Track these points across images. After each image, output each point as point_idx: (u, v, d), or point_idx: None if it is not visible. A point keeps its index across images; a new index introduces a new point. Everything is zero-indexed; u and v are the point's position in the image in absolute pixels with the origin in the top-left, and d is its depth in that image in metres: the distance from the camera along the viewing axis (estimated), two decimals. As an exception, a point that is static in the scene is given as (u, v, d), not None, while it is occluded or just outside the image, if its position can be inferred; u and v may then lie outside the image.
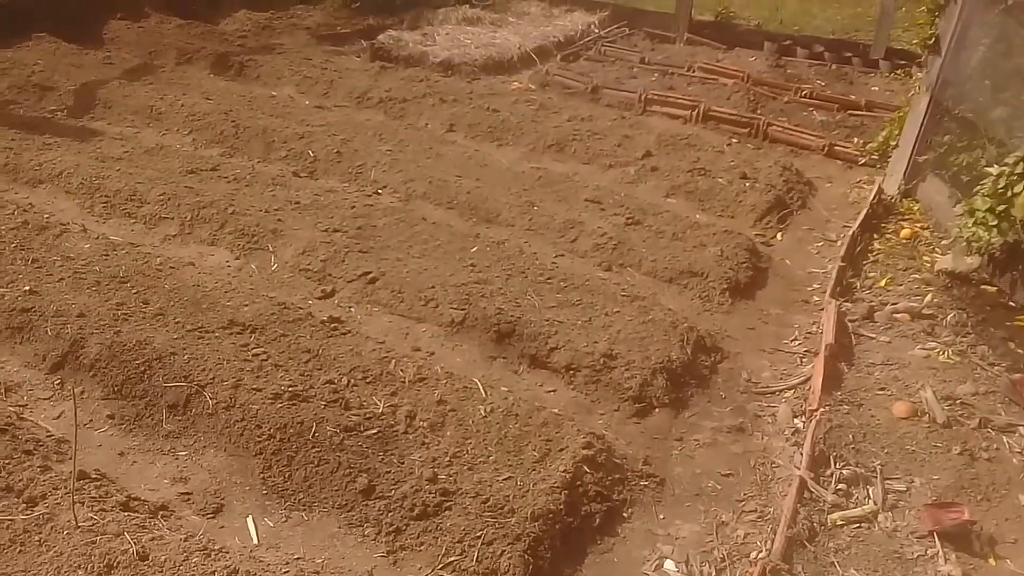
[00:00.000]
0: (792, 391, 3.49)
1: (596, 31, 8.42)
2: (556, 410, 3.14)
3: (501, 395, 3.12)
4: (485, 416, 3.00)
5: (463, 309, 3.67)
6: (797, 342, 3.85)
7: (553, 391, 3.37)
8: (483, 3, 8.98)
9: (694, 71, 7.32)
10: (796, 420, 3.30)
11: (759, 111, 6.45)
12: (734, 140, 5.95)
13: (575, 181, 5.09)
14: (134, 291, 3.51)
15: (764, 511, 2.88)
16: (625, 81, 7.02)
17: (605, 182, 5.22)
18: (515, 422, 2.98)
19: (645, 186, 5.24)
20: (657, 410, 3.31)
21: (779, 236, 4.81)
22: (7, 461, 2.59)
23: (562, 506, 2.70)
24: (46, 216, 4.08)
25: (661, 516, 2.86)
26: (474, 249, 4.15)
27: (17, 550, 2.29)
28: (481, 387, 3.13)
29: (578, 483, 2.79)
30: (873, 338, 3.81)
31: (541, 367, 3.48)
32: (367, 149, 5.23)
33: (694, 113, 6.28)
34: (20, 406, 3.03)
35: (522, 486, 2.73)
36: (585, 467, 2.84)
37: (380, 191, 4.87)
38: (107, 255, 3.76)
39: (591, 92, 6.70)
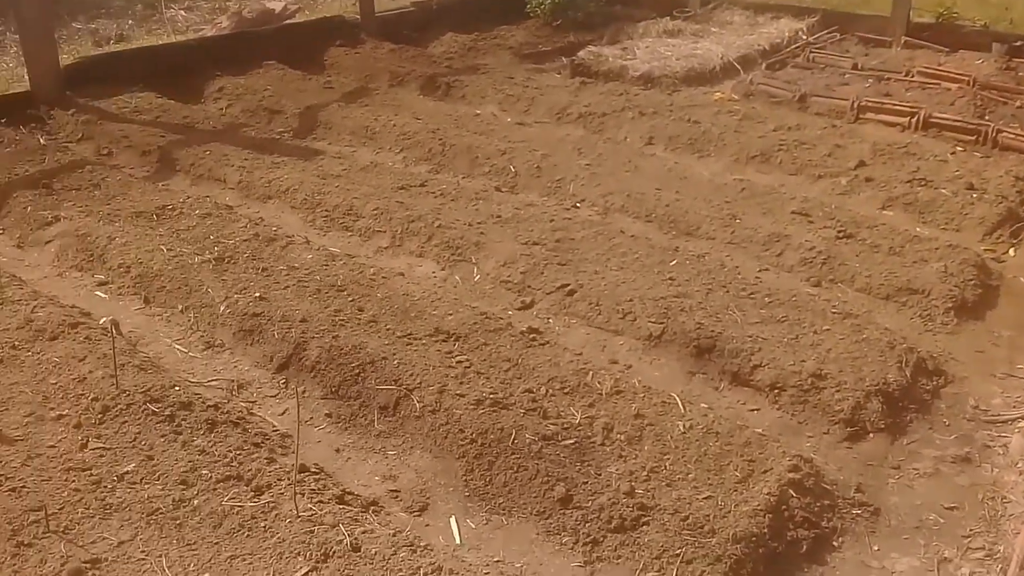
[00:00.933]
0: (1027, 421, 3.17)
1: (804, 37, 8.08)
2: (760, 430, 3.02)
3: (701, 412, 3.05)
4: (684, 432, 2.94)
5: (661, 323, 3.62)
6: (1033, 368, 3.49)
7: (756, 410, 3.25)
8: (685, 15, 8.87)
9: (913, 76, 6.84)
10: (1033, 453, 2.99)
11: (987, 117, 5.92)
12: (959, 148, 5.49)
13: (781, 193, 4.90)
14: (350, 299, 3.74)
15: (993, 549, 2.62)
16: (836, 88, 6.68)
17: (814, 194, 4.99)
18: (715, 440, 2.90)
19: (858, 197, 4.96)
20: (871, 435, 3.10)
21: (1011, 252, 4.39)
22: (238, 452, 2.82)
23: (766, 530, 2.59)
24: (274, 229, 4.43)
25: (875, 547, 2.67)
26: (673, 263, 4.08)
27: (245, 534, 2.48)
28: (680, 402, 3.07)
29: (784, 507, 2.66)
30: (1125, 364, 3.39)
31: (743, 385, 3.36)
32: (566, 163, 5.29)
33: (913, 120, 5.87)
34: (250, 402, 3.31)
35: (723, 506, 2.64)
36: (791, 491, 2.70)
37: (579, 204, 4.91)
38: (327, 265, 4.03)
39: (799, 100, 6.44)
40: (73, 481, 2.64)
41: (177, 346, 3.67)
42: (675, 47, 7.81)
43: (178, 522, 2.50)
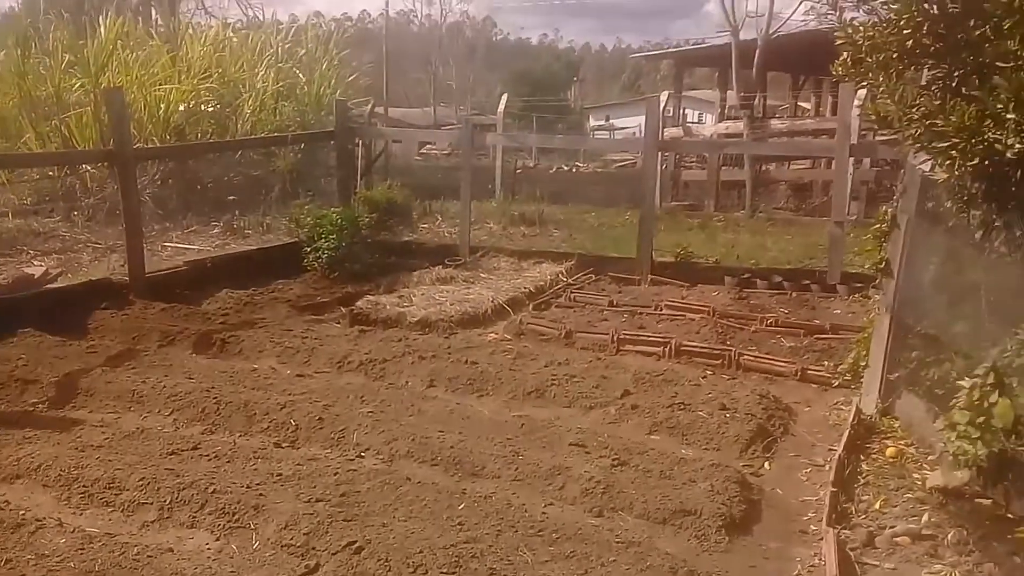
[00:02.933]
0: (805, 631, 3.32)
1: (564, 279, 8.84)
2: (559, 677, 2.94)
3: (499, 666, 2.94)
4: None
5: (453, 572, 3.54)
6: (802, 577, 3.71)
7: (554, 655, 3.18)
8: (456, 262, 9.45)
9: (661, 309, 7.61)
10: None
11: (728, 342, 6.65)
12: (709, 372, 6.07)
13: (558, 426, 5.11)
14: (110, 585, 3.37)
15: None
16: (597, 324, 7.26)
17: (587, 424, 5.24)
18: None
19: (627, 425, 5.26)
20: (666, 666, 3.11)
21: (767, 465, 4.78)
22: None
23: None
24: (21, 513, 3.99)
25: None
26: (461, 506, 4.07)
27: None
28: (477, 658, 2.95)
29: None
30: (877, 565, 3.69)
31: (540, 630, 3.30)
32: (349, 413, 5.26)
33: (666, 349, 6.46)
34: None
35: None
36: None
37: (363, 454, 4.84)
38: (83, 549, 3.64)
39: (565, 337, 6.91)
40: None
41: None
42: (449, 293, 8.25)
43: None
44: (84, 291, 7.79)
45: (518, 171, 15.95)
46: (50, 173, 12.34)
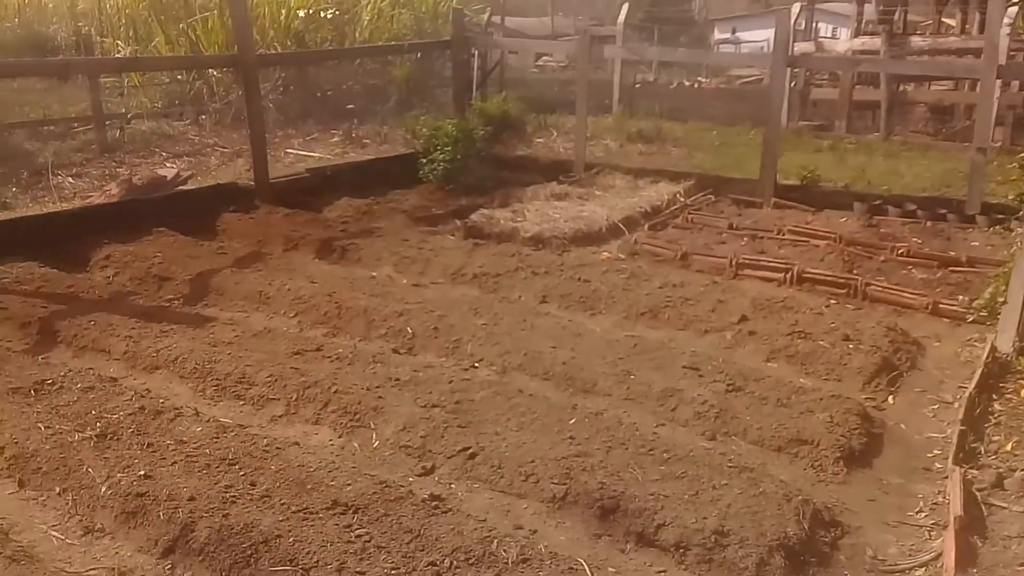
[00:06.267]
0: (923, 568, 3.23)
1: (682, 199, 8.62)
2: (668, 593, 2.98)
3: (609, 577, 2.99)
4: (593, 600, 2.87)
5: (564, 484, 3.60)
6: (923, 514, 3.60)
7: (663, 572, 3.21)
8: (570, 179, 9.35)
9: (784, 234, 7.35)
10: (931, 602, 3.04)
11: (855, 271, 6.38)
12: (833, 301, 5.86)
13: (671, 348, 5.06)
14: (242, 473, 3.58)
15: None
16: (714, 247, 7.08)
17: (702, 347, 5.17)
18: (625, 607, 2.84)
19: (744, 351, 5.17)
20: (777, 592, 3.10)
21: (891, 399, 4.62)
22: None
23: None
24: (161, 401, 4.25)
25: None
26: (572, 421, 4.11)
27: None
28: (587, 568, 3.01)
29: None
30: (1005, 508, 3.54)
31: (649, 545, 3.33)
32: (463, 324, 5.35)
33: (788, 275, 6.25)
34: (131, 593, 3.06)
35: None
36: (704, 657, 2.65)
37: (477, 364, 4.93)
38: (217, 438, 3.87)
39: (681, 259, 6.78)
40: None
41: (53, 532, 3.40)
42: (563, 209, 8.17)
43: None
44: (212, 194, 8.11)
45: (637, 85, 15.46)
46: (179, 77, 12.79)
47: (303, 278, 6.14)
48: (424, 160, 9.25)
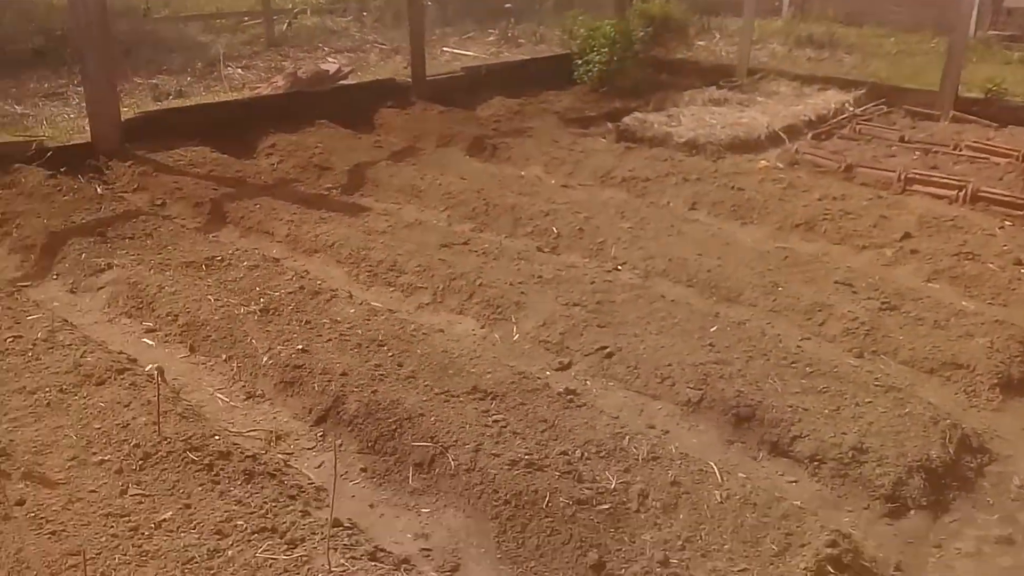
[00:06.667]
0: (1079, 505, 3.06)
1: (851, 109, 8.12)
2: (798, 503, 2.96)
3: (738, 482, 3.00)
4: (721, 502, 2.89)
5: (700, 389, 3.60)
6: (1084, 450, 3.39)
7: (795, 482, 3.19)
8: (731, 84, 8.97)
9: (961, 149, 6.82)
10: (1085, 539, 2.89)
11: (1038, 192, 5.87)
12: (1007, 223, 5.44)
13: (824, 262, 4.87)
14: (390, 354, 3.77)
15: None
16: (882, 160, 6.67)
17: (858, 263, 4.95)
18: (752, 511, 2.85)
19: (903, 269, 4.92)
20: (912, 512, 3.03)
21: (1062, 329, 4.30)
22: (274, 504, 2.83)
23: (803, 607, 2.53)
24: (319, 283, 4.51)
25: (917, 631, 2.59)
26: (713, 328, 4.06)
27: (277, 588, 2.49)
28: (717, 471, 3.03)
29: (821, 584, 2.60)
30: None
31: (782, 455, 3.31)
32: (609, 226, 5.33)
33: (961, 193, 5.83)
34: (287, 454, 3.33)
35: (759, 580, 2.59)
36: (829, 567, 2.64)
37: (620, 267, 4.93)
38: (369, 320, 4.08)
39: (844, 171, 6.44)
40: (112, 527, 2.67)
41: (219, 395, 3.73)
42: (720, 115, 7.88)
43: (212, 572, 2.51)
44: (371, 89, 8.31)
45: (810, -14, 14.46)
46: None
47: (454, 174, 6.26)
48: (579, 61, 9.10)
